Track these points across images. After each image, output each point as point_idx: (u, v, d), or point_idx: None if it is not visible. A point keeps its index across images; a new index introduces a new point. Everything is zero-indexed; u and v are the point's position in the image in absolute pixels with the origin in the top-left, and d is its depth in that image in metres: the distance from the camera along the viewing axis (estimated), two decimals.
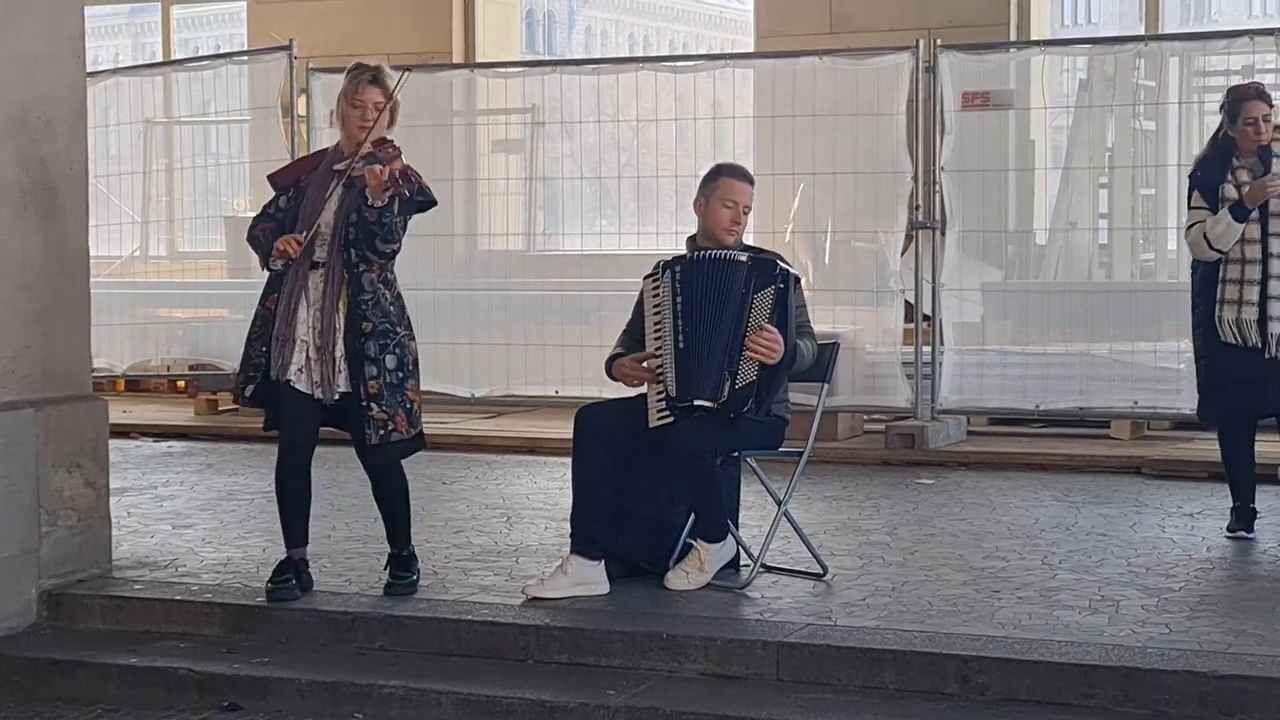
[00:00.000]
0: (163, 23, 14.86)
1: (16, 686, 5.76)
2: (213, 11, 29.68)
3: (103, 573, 6.41)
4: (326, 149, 6.18)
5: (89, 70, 6.88)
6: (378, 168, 5.77)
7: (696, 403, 5.87)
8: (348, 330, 5.86)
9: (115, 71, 12.50)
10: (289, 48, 10.57)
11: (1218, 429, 7.03)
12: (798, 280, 6.02)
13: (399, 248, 5.93)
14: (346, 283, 5.86)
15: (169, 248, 12.40)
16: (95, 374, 7.32)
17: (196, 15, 31.10)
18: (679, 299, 5.96)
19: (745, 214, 6.11)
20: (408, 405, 5.93)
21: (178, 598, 6.12)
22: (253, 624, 5.94)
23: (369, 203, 5.79)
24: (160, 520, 7.58)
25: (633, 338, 6.16)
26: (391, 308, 5.95)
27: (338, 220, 5.87)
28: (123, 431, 9.70)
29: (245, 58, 11.63)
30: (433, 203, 6.06)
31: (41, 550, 6.19)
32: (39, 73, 6.25)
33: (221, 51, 14.12)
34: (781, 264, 6.00)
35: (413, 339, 6.01)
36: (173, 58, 14.45)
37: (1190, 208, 6.85)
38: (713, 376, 5.87)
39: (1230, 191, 6.68)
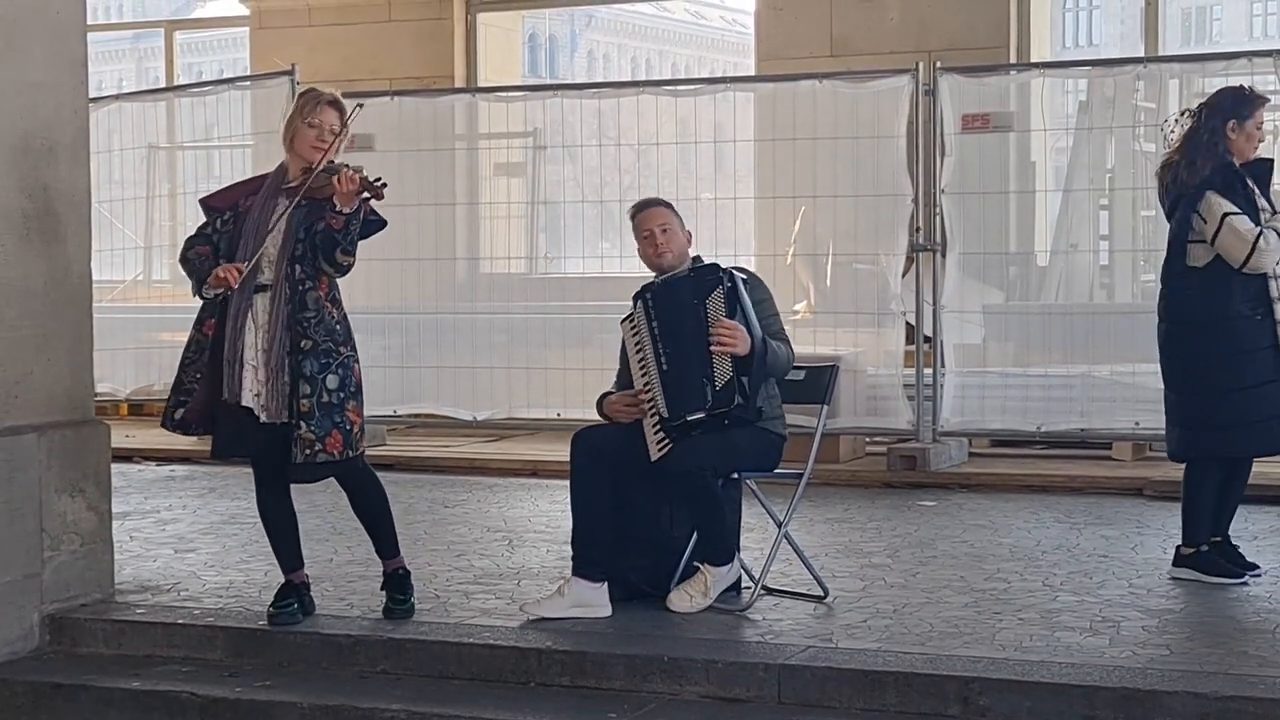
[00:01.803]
0: (166, 48, 14.94)
1: (20, 711, 5.77)
2: (216, 37, 29.87)
3: (105, 597, 6.42)
4: (265, 174, 6.05)
5: (92, 96, 6.90)
6: (347, 172, 5.69)
7: (689, 418, 5.89)
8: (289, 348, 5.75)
9: (118, 97, 12.55)
10: (291, 72, 10.59)
11: (1210, 463, 6.38)
12: (746, 279, 6.07)
13: (354, 262, 5.81)
14: (289, 299, 5.76)
15: (172, 272, 12.38)
16: (98, 398, 7.32)
17: (199, 40, 31.32)
18: (655, 324, 6.02)
19: (664, 232, 6.14)
20: (347, 426, 5.78)
21: (180, 621, 6.13)
22: (255, 648, 5.94)
23: (336, 209, 5.68)
24: (163, 544, 7.59)
25: (622, 385, 6.23)
26: (337, 326, 5.83)
27: (286, 240, 5.79)
28: (125, 456, 9.71)
29: (248, 83, 11.64)
30: (383, 223, 5.95)
31: (44, 575, 6.20)
32: (42, 99, 6.26)
33: (224, 76, 14.17)
34: (725, 267, 6.05)
35: (357, 360, 5.89)
36: (176, 83, 14.52)
37: (1220, 214, 6.10)
38: (696, 388, 5.91)
39: (1264, 202, 6.20)
